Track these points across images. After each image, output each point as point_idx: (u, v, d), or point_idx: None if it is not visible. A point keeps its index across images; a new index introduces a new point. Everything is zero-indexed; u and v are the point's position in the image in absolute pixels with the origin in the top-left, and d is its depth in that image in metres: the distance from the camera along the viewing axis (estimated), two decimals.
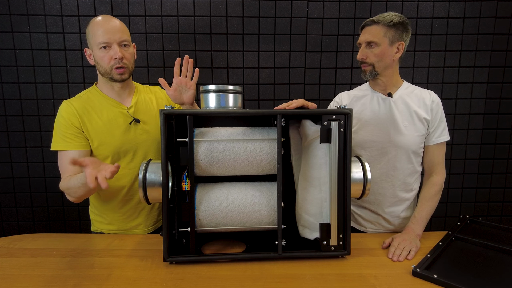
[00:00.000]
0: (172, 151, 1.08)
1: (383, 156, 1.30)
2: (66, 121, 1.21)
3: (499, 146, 2.01)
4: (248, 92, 1.92)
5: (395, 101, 1.29)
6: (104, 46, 1.17)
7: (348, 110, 1.03)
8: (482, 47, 1.91)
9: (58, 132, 1.21)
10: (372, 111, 1.31)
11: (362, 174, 1.10)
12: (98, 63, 1.22)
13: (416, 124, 1.27)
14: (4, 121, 1.87)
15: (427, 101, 1.29)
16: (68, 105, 1.23)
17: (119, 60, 1.19)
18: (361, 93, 1.37)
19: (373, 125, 1.30)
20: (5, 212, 1.95)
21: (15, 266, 1.05)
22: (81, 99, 1.26)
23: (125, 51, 1.22)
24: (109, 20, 1.19)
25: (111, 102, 1.27)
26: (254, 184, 1.14)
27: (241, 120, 1.15)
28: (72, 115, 1.21)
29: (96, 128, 1.23)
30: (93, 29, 1.18)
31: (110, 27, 1.18)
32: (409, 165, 1.30)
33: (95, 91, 1.29)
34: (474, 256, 1.08)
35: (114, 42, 1.18)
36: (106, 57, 1.18)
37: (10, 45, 1.81)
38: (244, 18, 1.84)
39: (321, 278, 0.98)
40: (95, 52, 1.20)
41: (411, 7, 1.87)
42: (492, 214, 2.09)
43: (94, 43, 1.18)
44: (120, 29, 1.20)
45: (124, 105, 1.28)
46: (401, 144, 1.27)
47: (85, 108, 1.23)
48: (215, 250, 1.15)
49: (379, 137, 1.29)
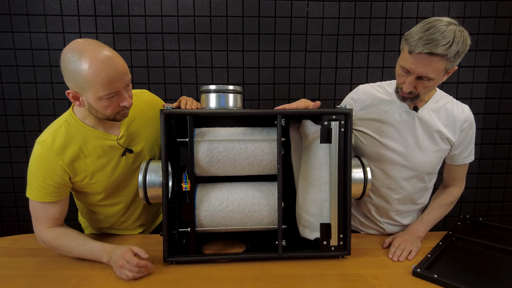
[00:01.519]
0: (172, 151, 1.08)
1: (394, 172, 1.19)
2: (46, 171, 1.00)
3: (499, 146, 2.01)
4: (248, 92, 1.92)
5: (420, 117, 1.15)
6: (111, 96, 0.95)
7: (348, 110, 1.03)
8: (482, 47, 1.91)
9: (35, 180, 1.01)
10: (392, 122, 1.17)
11: (362, 174, 1.10)
12: (96, 111, 0.98)
13: (439, 144, 1.15)
14: (4, 121, 1.87)
15: (457, 120, 1.14)
16: (46, 150, 1.00)
17: (128, 106, 1.01)
18: (387, 97, 1.19)
19: (390, 138, 1.17)
20: (5, 212, 1.95)
21: (15, 266, 1.05)
22: (60, 137, 1.02)
23: (128, 90, 1.01)
24: (112, 63, 0.92)
25: (97, 134, 1.06)
26: (254, 184, 1.14)
27: (241, 120, 1.15)
28: (53, 163, 1.00)
29: (84, 169, 1.06)
30: (91, 76, 0.90)
31: (116, 73, 0.93)
32: (421, 184, 1.22)
33: (76, 122, 1.05)
34: (474, 256, 1.08)
35: (122, 88, 0.96)
36: (111, 106, 0.97)
37: (10, 45, 1.81)
38: (244, 18, 1.84)
39: (321, 278, 0.98)
40: (93, 101, 0.95)
41: (411, 7, 1.87)
42: (492, 214, 2.09)
43: (93, 92, 0.93)
44: (125, 69, 0.96)
45: (113, 135, 1.09)
46: (417, 164, 1.17)
47: (67, 148, 1.02)
48: (215, 250, 1.15)
49: (394, 152, 1.17)
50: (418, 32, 0.97)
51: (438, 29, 0.95)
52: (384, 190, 1.23)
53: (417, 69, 0.99)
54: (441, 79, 1.04)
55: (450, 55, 0.95)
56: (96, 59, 0.90)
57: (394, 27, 1.88)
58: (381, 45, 1.89)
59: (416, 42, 0.96)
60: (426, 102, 1.16)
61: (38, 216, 1.05)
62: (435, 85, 1.06)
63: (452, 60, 0.97)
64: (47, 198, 1.02)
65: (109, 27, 1.80)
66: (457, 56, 0.98)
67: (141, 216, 1.26)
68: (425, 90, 1.05)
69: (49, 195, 1.02)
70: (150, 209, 1.30)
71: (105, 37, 1.81)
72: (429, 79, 1.00)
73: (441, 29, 0.95)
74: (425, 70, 0.99)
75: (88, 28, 1.80)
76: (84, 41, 0.94)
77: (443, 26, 0.95)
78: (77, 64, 0.90)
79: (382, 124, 1.18)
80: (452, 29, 0.95)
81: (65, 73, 0.94)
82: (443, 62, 0.97)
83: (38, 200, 1.02)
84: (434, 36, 0.94)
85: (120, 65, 0.95)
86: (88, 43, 0.93)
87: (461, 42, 0.96)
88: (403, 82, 1.05)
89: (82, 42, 0.93)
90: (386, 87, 1.22)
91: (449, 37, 0.94)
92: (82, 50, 0.91)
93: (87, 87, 0.92)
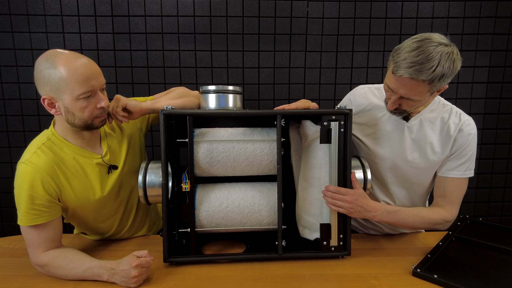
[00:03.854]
0: (172, 151, 1.08)
1: (382, 178, 1.19)
2: (34, 190, 0.97)
3: (499, 146, 2.01)
4: (248, 92, 1.92)
5: (410, 127, 1.11)
6: (88, 96, 0.95)
7: (348, 111, 1.03)
8: (482, 47, 1.90)
9: (24, 203, 0.97)
10: (382, 129, 1.15)
11: (362, 174, 1.10)
12: (74, 114, 0.97)
13: (428, 157, 1.10)
14: (4, 121, 1.86)
15: (451, 130, 1.08)
16: (32, 168, 0.97)
17: (105, 109, 1.01)
18: (382, 103, 1.16)
19: (379, 145, 1.16)
20: (5, 212, 1.95)
21: (15, 266, 1.05)
22: (44, 154, 1.00)
23: (104, 95, 1.02)
24: (87, 62, 0.96)
25: (81, 152, 1.05)
26: (254, 184, 1.14)
27: (241, 120, 1.15)
28: (41, 181, 0.97)
29: (69, 185, 1.03)
30: (67, 74, 0.92)
31: (92, 71, 0.96)
32: (412, 192, 1.19)
33: (59, 141, 1.03)
34: (474, 256, 1.08)
35: (98, 89, 0.98)
36: (89, 107, 0.96)
37: (10, 45, 1.81)
38: (244, 18, 1.84)
39: (321, 279, 0.98)
40: (70, 103, 0.95)
41: (411, 7, 1.87)
42: (492, 214, 2.09)
43: (69, 92, 0.93)
44: (99, 70, 0.99)
45: (97, 154, 1.08)
46: (403, 174, 1.15)
47: (53, 165, 1.00)
48: (215, 251, 1.15)
49: (381, 159, 1.16)
50: (404, 51, 0.93)
51: (424, 51, 0.90)
52: (378, 194, 1.23)
53: (399, 90, 0.96)
54: (428, 98, 1.00)
55: (434, 78, 0.91)
56: (71, 60, 0.93)
57: (394, 27, 1.87)
58: (381, 45, 1.89)
59: (400, 63, 0.92)
60: (419, 112, 1.12)
61: (33, 241, 0.99)
62: (422, 103, 1.03)
63: (436, 84, 0.93)
64: (39, 220, 0.97)
65: (109, 27, 1.80)
66: (442, 80, 0.93)
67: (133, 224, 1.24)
68: (410, 108, 1.02)
69: (40, 216, 0.97)
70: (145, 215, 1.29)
71: (105, 37, 1.81)
72: (413, 100, 0.97)
73: (427, 51, 0.90)
74: (407, 93, 0.95)
75: (88, 28, 1.80)
76: (57, 50, 0.96)
77: (431, 47, 0.90)
78: (52, 68, 0.92)
79: (372, 130, 1.17)
80: (439, 51, 0.90)
81: (39, 80, 0.94)
82: (426, 86, 0.93)
83: (30, 224, 0.97)
84: (418, 58, 0.90)
85: (94, 66, 0.98)
86: (61, 50, 0.96)
87: (447, 65, 0.90)
88: (389, 98, 1.03)
89: (55, 50, 0.96)
90: (383, 91, 1.17)
91: (434, 60, 0.89)
92: (56, 55, 0.94)
93: (63, 87, 0.93)
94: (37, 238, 0.99)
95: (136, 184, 1.16)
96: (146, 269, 0.95)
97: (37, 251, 0.99)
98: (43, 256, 0.99)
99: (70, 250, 1.02)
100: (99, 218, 1.13)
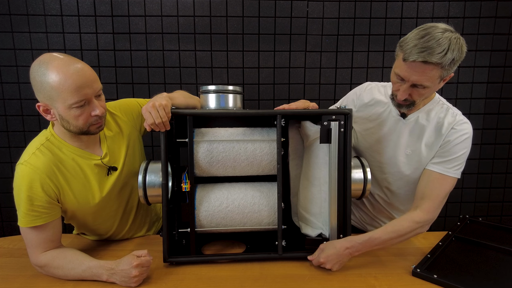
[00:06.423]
0: (172, 151, 1.08)
1: (378, 173, 1.21)
2: (34, 191, 0.96)
3: (499, 146, 2.01)
4: (248, 92, 1.92)
5: (406, 124, 1.13)
6: (81, 105, 0.93)
7: (348, 110, 1.03)
8: (482, 47, 1.90)
9: (23, 204, 0.96)
10: (380, 124, 1.17)
11: (362, 174, 1.10)
12: (68, 122, 0.95)
13: (422, 153, 1.11)
14: (4, 121, 1.86)
15: (444, 128, 1.08)
16: (31, 169, 0.96)
17: (100, 116, 0.98)
18: (385, 99, 1.18)
19: (376, 140, 1.18)
20: (5, 212, 1.95)
21: (15, 266, 1.05)
22: (43, 155, 0.99)
23: (101, 100, 0.99)
24: (80, 70, 0.92)
25: (80, 153, 1.04)
26: (254, 184, 1.14)
27: (241, 120, 1.15)
28: (40, 182, 0.96)
29: (69, 186, 1.02)
30: (58, 84, 0.89)
31: (85, 79, 0.92)
32: (409, 187, 1.17)
33: (58, 141, 1.02)
34: (474, 256, 1.08)
35: (92, 96, 0.95)
36: (83, 115, 0.94)
37: (10, 45, 1.81)
38: (244, 18, 1.84)
39: (321, 278, 0.98)
40: (64, 111, 0.93)
41: (411, 7, 1.87)
42: (492, 214, 2.09)
43: (62, 101, 0.91)
44: (94, 77, 0.95)
45: (96, 155, 1.07)
46: (397, 169, 1.15)
47: (52, 166, 0.99)
48: (215, 251, 1.15)
49: (378, 154, 1.18)
50: (413, 39, 0.95)
51: (433, 37, 0.92)
52: (374, 188, 1.25)
53: (411, 77, 0.97)
54: (437, 86, 1.01)
55: (445, 63, 0.93)
56: (62, 68, 0.90)
57: (394, 27, 1.88)
58: (381, 45, 1.89)
59: (411, 49, 0.94)
60: (418, 109, 1.12)
61: (32, 242, 0.99)
62: (430, 92, 1.04)
63: (447, 68, 0.95)
64: (38, 221, 0.97)
65: (109, 27, 1.80)
66: (452, 64, 0.95)
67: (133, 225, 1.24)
68: (420, 97, 1.03)
69: (39, 217, 0.97)
70: (144, 216, 1.29)
71: (105, 37, 1.81)
72: (424, 87, 0.98)
73: (436, 37, 0.92)
74: (419, 78, 0.96)
75: (88, 28, 1.80)
76: (51, 54, 0.93)
77: (438, 33, 0.92)
78: (45, 75, 0.90)
79: (372, 124, 1.19)
80: (447, 36, 0.92)
81: (34, 86, 0.93)
82: (438, 71, 0.95)
83: (29, 225, 0.96)
84: (429, 43, 0.92)
85: (88, 73, 0.94)
86: (55, 55, 0.93)
87: (456, 49, 0.93)
88: (398, 89, 1.03)
89: (49, 54, 0.93)
90: (388, 89, 1.19)
91: (444, 44, 0.91)
92: (49, 61, 0.91)
93: (55, 96, 0.91)
94: (36, 238, 0.98)
95: (135, 184, 1.15)
96: (146, 269, 0.95)
97: (37, 251, 0.99)
98: (43, 257, 0.99)
99: (70, 250, 1.01)
100: (99, 219, 1.13)
